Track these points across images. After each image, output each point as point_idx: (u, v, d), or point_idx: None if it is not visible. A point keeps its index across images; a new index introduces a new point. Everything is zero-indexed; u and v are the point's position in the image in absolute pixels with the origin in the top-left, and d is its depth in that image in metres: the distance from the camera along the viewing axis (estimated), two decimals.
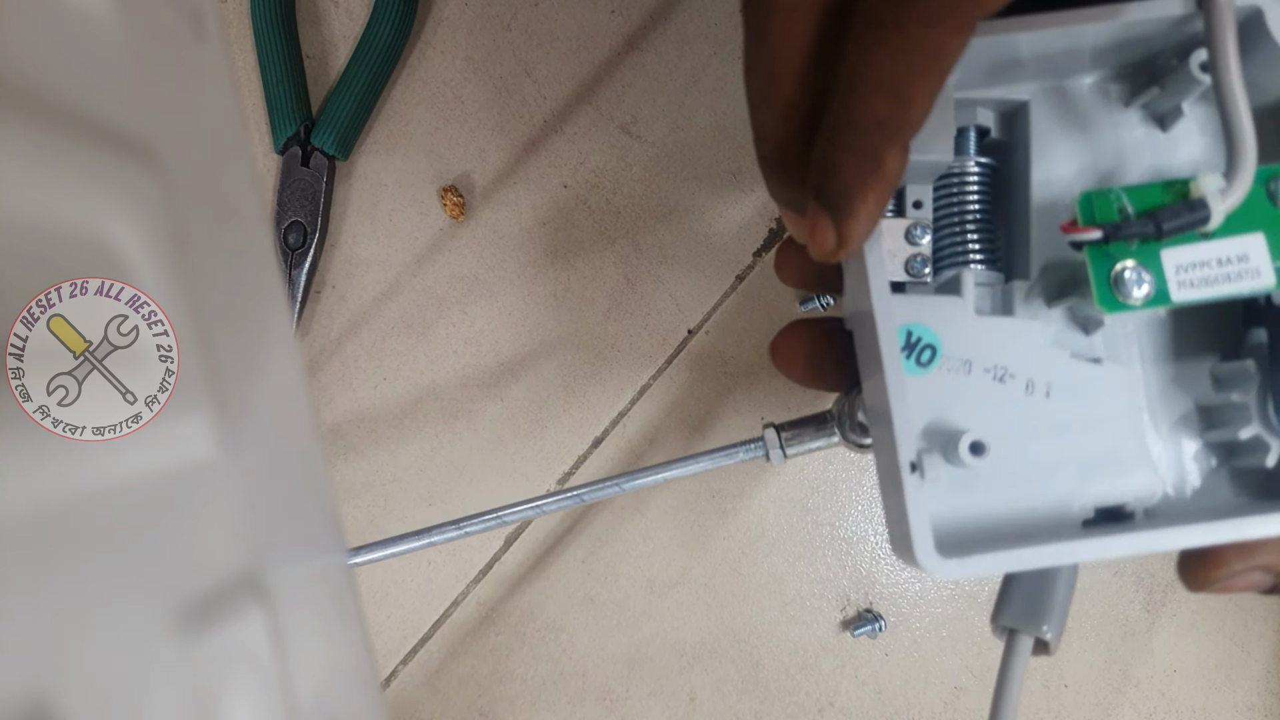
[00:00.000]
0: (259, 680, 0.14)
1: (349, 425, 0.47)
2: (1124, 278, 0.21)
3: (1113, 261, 0.21)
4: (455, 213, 0.46)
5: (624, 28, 0.46)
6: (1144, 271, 0.21)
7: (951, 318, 0.23)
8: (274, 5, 0.45)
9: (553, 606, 0.47)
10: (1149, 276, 0.21)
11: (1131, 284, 0.21)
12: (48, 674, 0.10)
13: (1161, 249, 0.21)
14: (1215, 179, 0.21)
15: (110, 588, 0.12)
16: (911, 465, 0.21)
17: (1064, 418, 0.23)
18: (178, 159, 0.15)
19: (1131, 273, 0.21)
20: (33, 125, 0.12)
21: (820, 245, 0.20)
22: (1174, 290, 0.21)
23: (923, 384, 0.23)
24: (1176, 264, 0.21)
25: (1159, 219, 0.21)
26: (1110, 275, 0.21)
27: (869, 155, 0.18)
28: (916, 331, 0.23)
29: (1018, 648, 0.24)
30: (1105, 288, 0.21)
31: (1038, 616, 0.25)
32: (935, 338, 0.23)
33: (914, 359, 0.23)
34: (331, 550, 0.19)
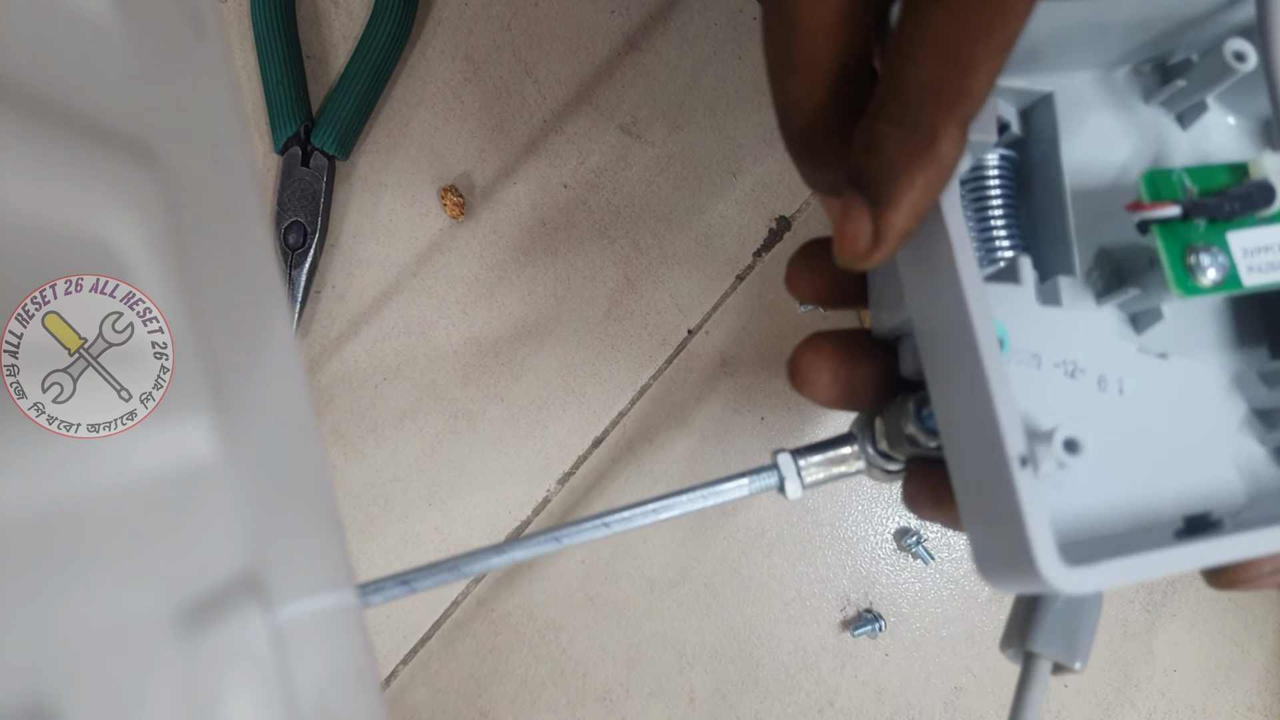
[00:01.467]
0: (259, 680, 0.14)
1: (349, 425, 0.47)
2: (1199, 259, 0.20)
3: (1184, 242, 0.20)
4: (455, 213, 0.46)
5: (624, 28, 0.46)
6: (1219, 254, 0.20)
7: (1015, 307, 0.21)
8: (274, 5, 0.45)
9: (553, 606, 0.47)
10: (1222, 259, 0.20)
11: (1206, 266, 0.19)
12: (48, 674, 0.10)
13: (1228, 232, 0.20)
14: (1277, 159, 0.20)
15: (110, 588, 0.12)
16: (1022, 459, 0.18)
17: (1140, 416, 0.21)
18: (177, 159, 0.15)
19: (1206, 255, 0.19)
20: (32, 125, 0.12)
21: (850, 242, 0.17)
22: (1244, 275, 0.20)
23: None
24: (1244, 248, 0.20)
25: (1228, 199, 0.19)
26: (1184, 256, 0.20)
27: (920, 130, 0.15)
28: None
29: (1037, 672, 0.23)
30: (1181, 269, 0.20)
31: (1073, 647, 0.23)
32: (1002, 330, 0.21)
33: None
34: (331, 550, 0.19)
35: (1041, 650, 0.23)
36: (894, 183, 0.16)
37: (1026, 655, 0.23)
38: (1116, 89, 0.24)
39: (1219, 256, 0.20)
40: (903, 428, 0.22)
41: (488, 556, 0.26)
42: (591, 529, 0.26)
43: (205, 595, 0.13)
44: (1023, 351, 0.21)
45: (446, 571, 0.26)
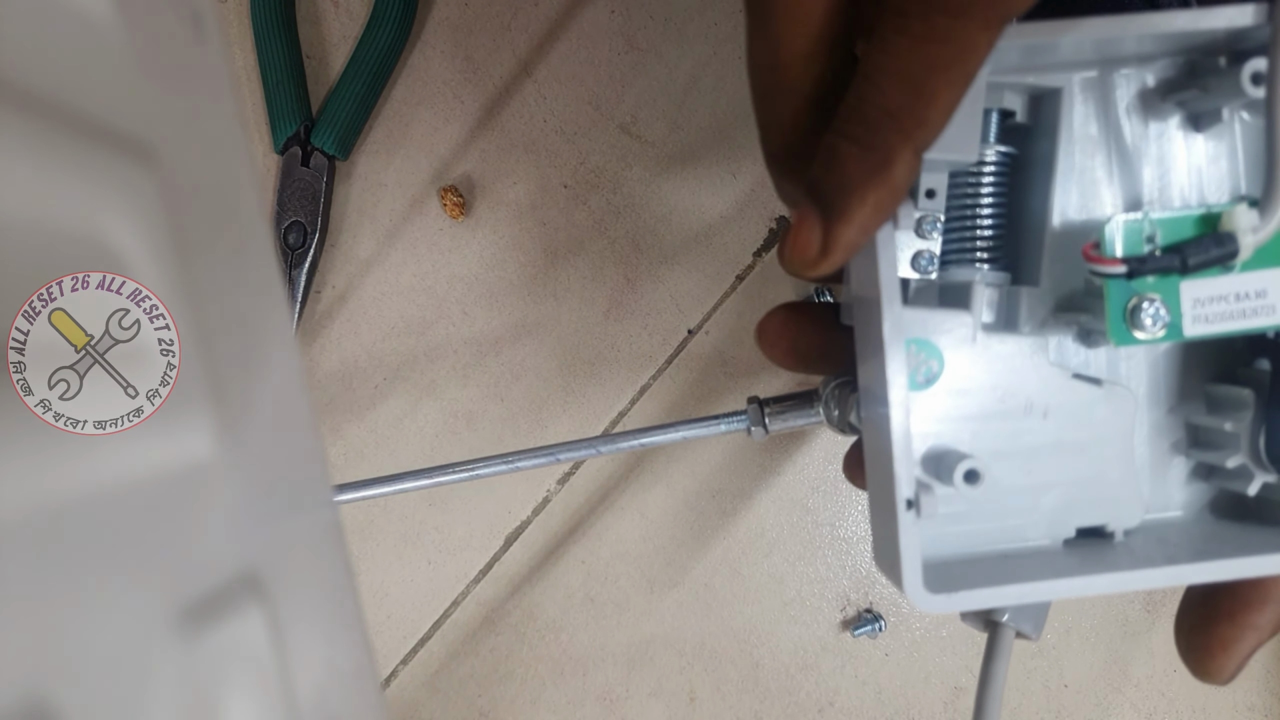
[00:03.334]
0: (259, 680, 0.14)
1: (349, 425, 0.47)
2: (1141, 312, 0.20)
3: (1131, 293, 0.21)
4: (455, 213, 0.46)
5: (624, 28, 0.46)
6: (1162, 307, 0.20)
7: (957, 335, 0.23)
8: (274, 5, 0.45)
9: (553, 606, 0.47)
10: (1165, 313, 0.20)
11: (1147, 318, 0.20)
12: (48, 674, 0.10)
13: (1181, 281, 0.21)
14: (1250, 215, 0.20)
15: (110, 587, 0.12)
16: (908, 502, 0.20)
17: (1059, 439, 0.23)
18: (178, 159, 0.15)
19: (1149, 307, 0.20)
20: (33, 124, 0.12)
21: (801, 250, 0.18)
22: (1187, 325, 0.21)
23: (921, 401, 0.23)
24: (1194, 298, 0.21)
25: (1185, 253, 0.20)
26: (1127, 309, 0.21)
27: (876, 150, 0.16)
28: (920, 348, 0.22)
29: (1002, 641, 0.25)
30: (1119, 321, 0.21)
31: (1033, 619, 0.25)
32: (939, 354, 0.22)
33: (915, 377, 0.22)
34: (332, 550, 0.19)
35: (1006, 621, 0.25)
36: (847, 198, 0.17)
37: (991, 625, 0.25)
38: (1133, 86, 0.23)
39: (1161, 310, 0.20)
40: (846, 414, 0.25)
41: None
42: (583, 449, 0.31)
43: (205, 595, 0.13)
44: (956, 376, 0.23)
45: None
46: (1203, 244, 0.20)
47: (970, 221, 0.24)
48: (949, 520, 0.23)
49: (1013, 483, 0.23)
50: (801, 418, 0.28)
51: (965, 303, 0.23)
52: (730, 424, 0.30)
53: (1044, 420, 0.23)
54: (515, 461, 0.31)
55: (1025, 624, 0.25)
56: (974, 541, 0.24)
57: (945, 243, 0.24)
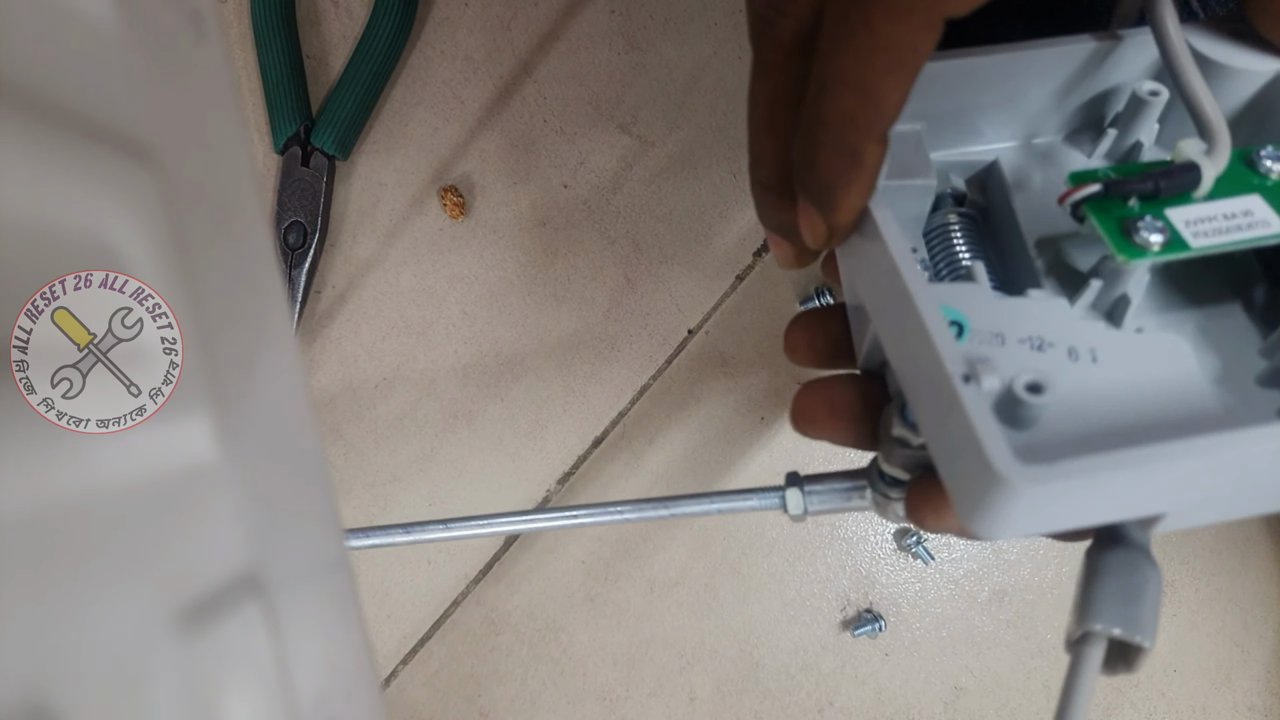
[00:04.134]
0: (259, 680, 0.14)
1: (349, 425, 0.47)
2: (1136, 225, 0.20)
3: (1121, 217, 0.20)
4: (455, 213, 0.46)
5: (624, 28, 0.46)
6: (1155, 220, 0.20)
7: (972, 300, 0.21)
8: (274, 5, 0.45)
9: (553, 606, 0.47)
10: (1160, 225, 0.20)
11: (1145, 230, 0.20)
12: (48, 674, 0.10)
13: (1165, 209, 0.20)
14: (1196, 142, 0.21)
15: (110, 587, 0.12)
16: (964, 377, 0.18)
17: (1118, 381, 0.21)
18: (177, 159, 0.15)
19: (1144, 223, 0.20)
20: (33, 124, 0.12)
21: (812, 234, 0.21)
22: (1190, 239, 0.20)
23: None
24: (1185, 220, 0.20)
25: (1155, 177, 0.20)
26: (1121, 224, 0.20)
27: (844, 150, 0.18)
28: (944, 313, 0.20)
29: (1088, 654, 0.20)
30: (1119, 236, 0.20)
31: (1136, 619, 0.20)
32: (960, 316, 0.21)
33: None
34: (332, 550, 0.19)
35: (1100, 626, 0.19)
36: (831, 194, 0.19)
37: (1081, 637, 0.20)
38: (1058, 150, 0.25)
39: (1158, 224, 0.20)
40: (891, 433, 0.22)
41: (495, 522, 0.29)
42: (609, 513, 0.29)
43: (205, 595, 0.13)
44: (984, 333, 0.21)
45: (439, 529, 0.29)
46: (1168, 170, 0.20)
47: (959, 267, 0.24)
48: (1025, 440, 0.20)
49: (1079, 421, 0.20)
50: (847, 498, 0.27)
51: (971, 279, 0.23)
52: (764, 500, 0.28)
53: (1095, 364, 0.21)
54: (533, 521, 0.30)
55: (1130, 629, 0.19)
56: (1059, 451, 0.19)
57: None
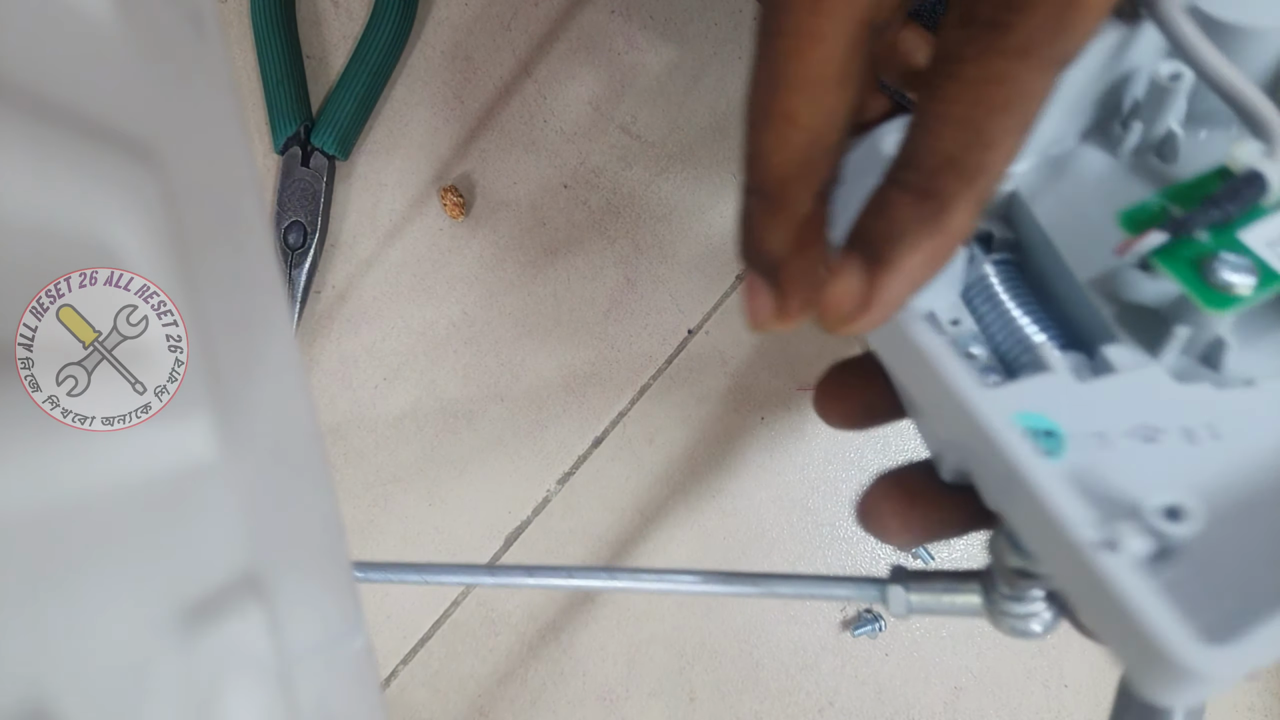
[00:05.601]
0: (259, 680, 0.14)
1: (349, 425, 0.47)
2: (1216, 267, 0.17)
3: (1193, 260, 0.18)
4: (455, 213, 0.46)
5: (624, 28, 0.46)
6: (1234, 256, 0.17)
7: (1053, 394, 0.18)
8: (274, 5, 0.45)
9: (553, 606, 0.47)
10: (1244, 261, 0.17)
11: (1228, 270, 0.17)
12: (48, 674, 0.10)
13: (1238, 232, 0.18)
14: (1252, 145, 0.18)
15: (110, 588, 0.12)
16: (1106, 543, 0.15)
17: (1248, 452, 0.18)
18: (178, 159, 0.15)
19: (1223, 261, 0.17)
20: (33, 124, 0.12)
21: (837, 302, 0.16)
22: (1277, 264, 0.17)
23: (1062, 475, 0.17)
24: (1265, 240, 0.17)
25: (1219, 202, 0.17)
26: (1198, 268, 0.17)
27: (935, 197, 0.15)
28: (1024, 421, 0.18)
29: None
30: (1203, 286, 0.17)
31: None
32: (1048, 421, 0.18)
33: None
34: (332, 550, 0.19)
35: None
36: (897, 245, 0.15)
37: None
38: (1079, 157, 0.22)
39: (1239, 260, 0.17)
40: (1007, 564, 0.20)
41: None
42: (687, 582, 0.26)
43: (205, 595, 0.13)
44: (1083, 435, 0.18)
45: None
46: (1230, 189, 0.18)
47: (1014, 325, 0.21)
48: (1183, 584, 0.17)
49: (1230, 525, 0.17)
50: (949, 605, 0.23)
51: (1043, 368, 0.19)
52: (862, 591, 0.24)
53: (1219, 441, 0.18)
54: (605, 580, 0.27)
55: None
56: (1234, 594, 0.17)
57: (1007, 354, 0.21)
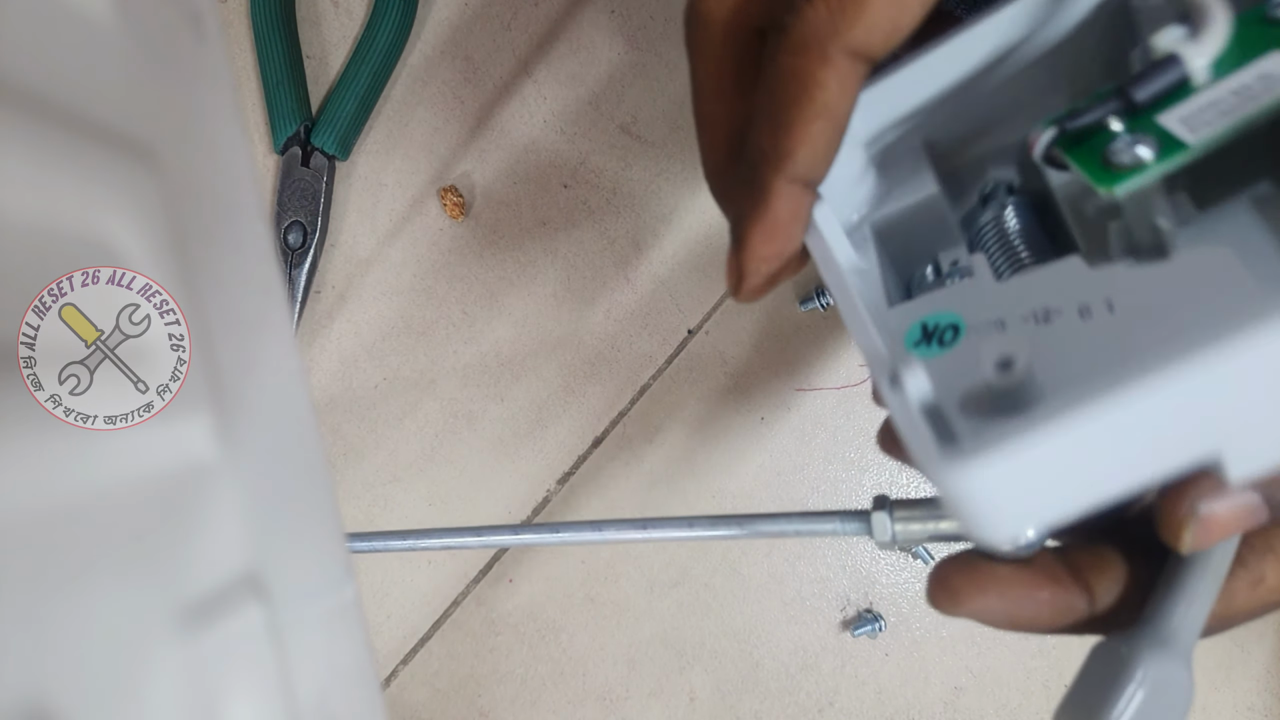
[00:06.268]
0: (259, 680, 0.14)
1: (349, 425, 0.47)
2: (1112, 147, 0.17)
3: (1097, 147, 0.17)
4: (455, 213, 0.46)
5: (624, 28, 0.46)
6: (1137, 134, 0.17)
7: (969, 295, 0.19)
8: (274, 5, 0.45)
9: (553, 606, 0.47)
10: (1145, 136, 0.17)
11: (1123, 149, 0.17)
12: (48, 674, 0.10)
13: (1156, 116, 0.17)
14: (1174, 30, 0.17)
15: (110, 587, 0.12)
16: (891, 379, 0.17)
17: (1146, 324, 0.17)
18: (177, 159, 0.15)
19: (1123, 142, 0.17)
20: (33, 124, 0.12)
21: (727, 276, 0.20)
22: (1188, 134, 0.17)
23: (949, 360, 0.19)
24: (1180, 116, 0.17)
25: (1126, 91, 0.17)
26: (1100, 155, 0.17)
27: (755, 185, 0.18)
28: (933, 320, 0.19)
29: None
30: (1097, 169, 0.17)
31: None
32: (955, 318, 0.19)
33: (934, 344, 0.19)
34: (332, 550, 0.19)
35: None
36: (740, 228, 0.19)
37: None
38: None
39: (1141, 136, 0.17)
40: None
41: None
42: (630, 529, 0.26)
43: (205, 595, 0.13)
44: (981, 324, 0.19)
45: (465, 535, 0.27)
46: (1144, 75, 0.17)
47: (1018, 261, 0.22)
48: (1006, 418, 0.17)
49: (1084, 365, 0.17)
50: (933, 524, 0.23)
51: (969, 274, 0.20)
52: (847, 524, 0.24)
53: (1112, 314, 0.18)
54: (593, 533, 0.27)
55: None
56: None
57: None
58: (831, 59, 0.17)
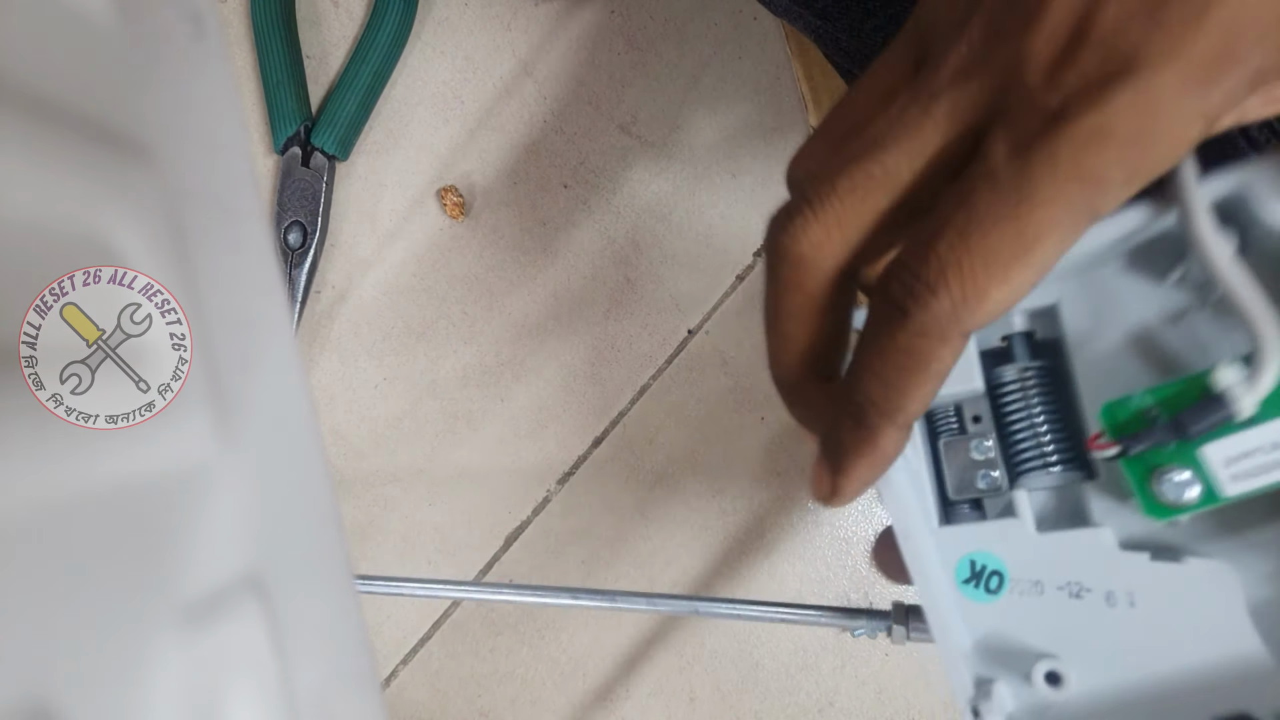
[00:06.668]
0: (259, 680, 0.14)
1: (349, 425, 0.47)
2: (1161, 483, 0.20)
3: (1151, 467, 0.20)
4: (455, 213, 0.46)
5: (624, 27, 0.46)
6: (1184, 474, 0.20)
7: (1013, 540, 0.23)
8: (274, 5, 0.45)
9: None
10: (1192, 477, 0.20)
11: (1168, 489, 0.20)
12: (48, 674, 0.10)
13: (1200, 447, 0.20)
14: (1234, 369, 0.20)
15: (110, 587, 0.12)
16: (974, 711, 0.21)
17: (1156, 626, 0.21)
18: (177, 159, 0.15)
19: (1172, 476, 0.20)
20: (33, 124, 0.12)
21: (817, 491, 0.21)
22: (1226, 485, 0.20)
23: (993, 611, 0.22)
24: (1224, 457, 0.20)
25: (1182, 422, 0.20)
26: (1151, 483, 0.21)
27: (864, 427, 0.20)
28: (980, 560, 0.23)
29: None
30: (1148, 497, 0.21)
31: None
32: (1000, 563, 0.23)
33: (982, 588, 0.23)
34: (332, 550, 0.19)
35: None
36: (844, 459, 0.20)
37: None
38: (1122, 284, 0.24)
39: (1189, 476, 0.20)
40: None
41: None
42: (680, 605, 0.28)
43: (205, 595, 0.13)
44: (1024, 581, 0.22)
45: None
46: (1199, 409, 0.20)
47: (1026, 431, 0.24)
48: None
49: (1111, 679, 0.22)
50: None
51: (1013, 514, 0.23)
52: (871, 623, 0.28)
53: (1132, 609, 0.22)
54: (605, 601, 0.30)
55: None
56: None
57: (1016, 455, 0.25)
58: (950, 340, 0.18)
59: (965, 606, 0.23)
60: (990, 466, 0.24)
